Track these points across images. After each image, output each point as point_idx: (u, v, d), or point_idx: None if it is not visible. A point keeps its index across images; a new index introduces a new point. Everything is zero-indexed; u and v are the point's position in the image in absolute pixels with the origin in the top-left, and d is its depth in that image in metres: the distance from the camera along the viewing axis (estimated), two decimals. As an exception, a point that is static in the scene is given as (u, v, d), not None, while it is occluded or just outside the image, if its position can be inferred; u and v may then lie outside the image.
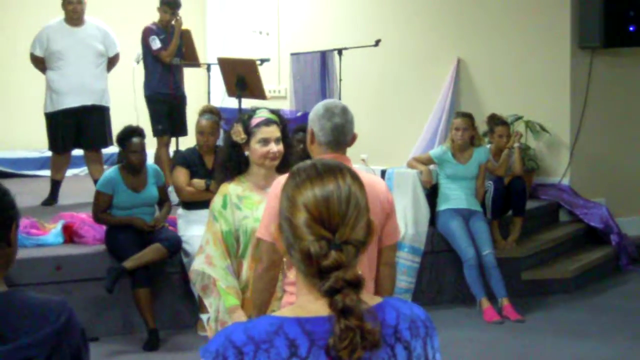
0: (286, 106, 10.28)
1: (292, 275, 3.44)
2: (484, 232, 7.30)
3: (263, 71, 9.35)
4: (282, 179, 3.45)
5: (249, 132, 3.95)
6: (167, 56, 8.44)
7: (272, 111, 4.04)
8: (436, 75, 9.64)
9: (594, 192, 9.02)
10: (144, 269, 6.26)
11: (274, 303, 3.69)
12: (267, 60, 9.71)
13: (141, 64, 10.10)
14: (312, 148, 3.58)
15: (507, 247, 7.73)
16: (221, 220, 4.03)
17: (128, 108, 9.56)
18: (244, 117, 4.03)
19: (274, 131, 3.94)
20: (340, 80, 8.95)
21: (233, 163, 4.06)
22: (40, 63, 8.18)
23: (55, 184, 8.55)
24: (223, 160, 4.14)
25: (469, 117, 7.43)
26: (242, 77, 9.07)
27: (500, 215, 7.80)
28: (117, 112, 8.49)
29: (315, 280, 1.69)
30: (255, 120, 3.96)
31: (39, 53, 8.13)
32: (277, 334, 1.66)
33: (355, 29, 10.09)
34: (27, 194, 9.14)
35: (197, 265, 4.14)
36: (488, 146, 7.74)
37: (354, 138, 3.58)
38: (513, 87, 9.21)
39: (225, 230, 4.01)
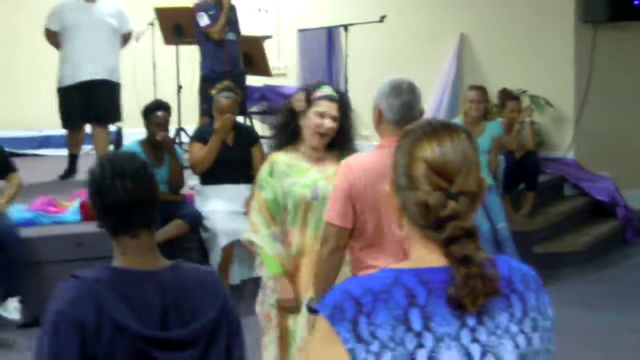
0: (287, 83, 10.25)
1: (373, 260, 3.37)
2: (498, 205, 7.29)
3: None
4: (350, 160, 3.45)
5: (309, 102, 3.96)
6: (215, 32, 7.98)
7: (337, 91, 4.06)
8: (440, 50, 9.65)
9: (599, 166, 9.09)
10: (167, 244, 6.22)
11: None
12: (269, 37, 9.69)
13: (141, 41, 10.05)
14: (380, 127, 3.49)
15: (518, 220, 7.76)
16: (267, 188, 4.04)
17: (128, 87, 9.47)
18: (309, 87, 4.05)
19: (333, 108, 3.95)
20: (347, 56, 8.93)
21: (287, 131, 4.05)
22: (54, 38, 8.16)
23: (72, 157, 8.59)
24: (279, 125, 4.13)
25: (482, 90, 7.40)
26: (247, 53, 9.03)
27: (512, 189, 7.83)
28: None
29: (431, 233, 1.71)
30: (318, 93, 3.98)
31: (54, 27, 8.12)
32: (394, 284, 1.67)
33: (359, 5, 10.07)
34: (31, 172, 9.09)
35: (245, 234, 4.14)
36: (500, 120, 7.75)
37: (421, 113, 3.51)
38: (516, 61, 9.22)
39: (270, 199, 4.02)
